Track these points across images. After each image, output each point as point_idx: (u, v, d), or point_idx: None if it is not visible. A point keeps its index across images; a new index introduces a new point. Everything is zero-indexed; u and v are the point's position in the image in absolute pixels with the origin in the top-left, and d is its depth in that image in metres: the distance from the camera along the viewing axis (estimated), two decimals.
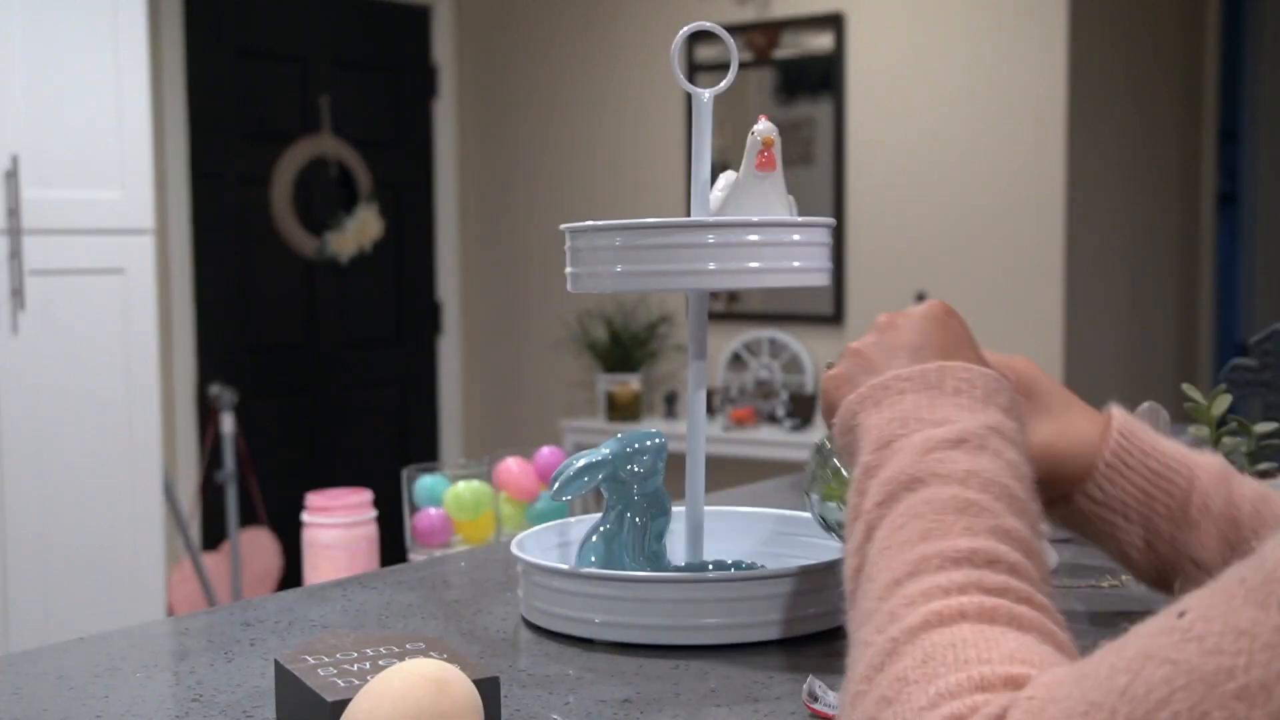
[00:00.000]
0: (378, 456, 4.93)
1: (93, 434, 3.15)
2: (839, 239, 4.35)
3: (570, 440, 4.74)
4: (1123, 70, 4.41)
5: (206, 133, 4.52)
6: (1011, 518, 0.66)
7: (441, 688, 0.68)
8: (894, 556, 0.64)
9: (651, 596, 0.96)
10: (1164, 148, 4.68)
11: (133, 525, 3.23)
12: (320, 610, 1.09)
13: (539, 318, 5.13)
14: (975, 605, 0.58)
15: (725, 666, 0.92)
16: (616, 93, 4.93)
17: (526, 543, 1.09)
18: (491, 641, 1.00)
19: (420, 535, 1.49)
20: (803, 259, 1.01)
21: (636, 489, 1.03)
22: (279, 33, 4.77)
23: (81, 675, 0.92)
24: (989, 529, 0.64)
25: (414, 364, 5.21)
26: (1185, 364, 4.75)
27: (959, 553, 0.62)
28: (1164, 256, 4.71)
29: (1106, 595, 1.08)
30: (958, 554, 0.62)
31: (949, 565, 0.61)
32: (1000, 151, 4.17)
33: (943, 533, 0.64)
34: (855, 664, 0.60)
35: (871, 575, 0.65)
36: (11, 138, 2.98)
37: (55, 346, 3.07)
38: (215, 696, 0.87)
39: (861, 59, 4.39)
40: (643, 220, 0.99)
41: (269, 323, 4.75)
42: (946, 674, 0.54)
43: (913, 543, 0.64)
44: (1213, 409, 1.20)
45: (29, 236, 3.00)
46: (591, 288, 1.03)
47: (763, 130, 1.02)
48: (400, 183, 5.13)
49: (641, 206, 4.77)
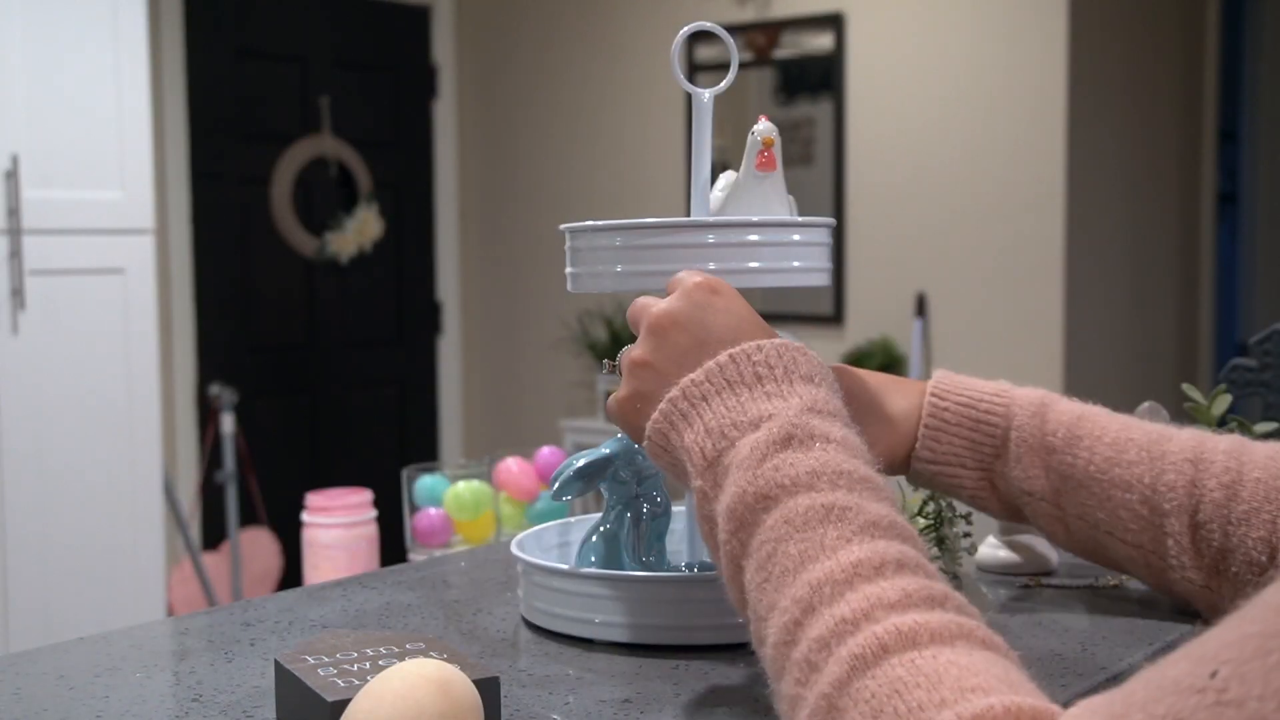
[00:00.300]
0: (378, 456, 4.93)
1: (93, 434, 3.15)
2: (839, 239, 4.35)
3: (570, 440, 4.74)
4: (1123, 70, 4.41)
5: (206, 133, 4.52)
6: (872, 504, 0.64)
7: (442, 688, 0.68)
8: (777, 591, 0.61)
9: (651, 596, 0.96)
10: (1164, 148, 4.68)
11: (133, 525, 3.23)
12: (320, 610, 1.09)
13: (539, 318, 5.13)
14: (891, 632, 0.55)
15: (725, 666, 0.92)
16: (616, 93, 4.93)
17: (526, 543, 1.09)
18: (491, 641, 1.00)
19: (420, 535, 1.49)
20: (803, 259, 1.01)
21: (636, 489, 1.03)
22: (279, 33, 4.76)
23: (81, 675, 0.92)
24: (859, 528, 0.62)
25: (414, 364, 5.21)
26: (1185, 364, 4.74)
27: (843, 570, 0.60)
28: (1164, 256, 4.71)
29: (1106, 595, 1.08)
30: (843, 572, 0.60)
31: (842, 587, 0.59)
32: (1000, 151, 4.17)
33: (816, 552, 0.62)
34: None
35: (760, 614, 0.63)
36: (11, 138, 2.98)
37: (55, 346, 3.07)
38: (215, 696, 0.87)
39: (861, 59, 4.39)
40: (643, 220, 0.99)
41: (269, 323, 4.75)
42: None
43: (791, 571, 0.62)
44: (1213, 409, 1.20)
45: (29, 236, 3.00)
46: (591, 288, 1.03)
47: (763, 130, 1.02)
48: (400, 183, 5.13)
49: (641, 206, 4.77)
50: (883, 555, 0.60)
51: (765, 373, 0.73)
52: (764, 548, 0.64)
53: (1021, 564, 1.18)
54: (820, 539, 0.62)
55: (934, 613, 0.57)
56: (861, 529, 0.62)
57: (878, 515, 0.64)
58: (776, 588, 0.62)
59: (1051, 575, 1.17)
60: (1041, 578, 1.17)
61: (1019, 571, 1.18)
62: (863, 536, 0.62)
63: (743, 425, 0.70)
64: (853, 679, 0.54)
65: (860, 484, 0.66)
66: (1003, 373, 1.17)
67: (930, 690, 0.52)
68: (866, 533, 0.62)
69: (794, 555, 0.62)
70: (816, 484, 0.65)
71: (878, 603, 0.57)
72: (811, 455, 0.67)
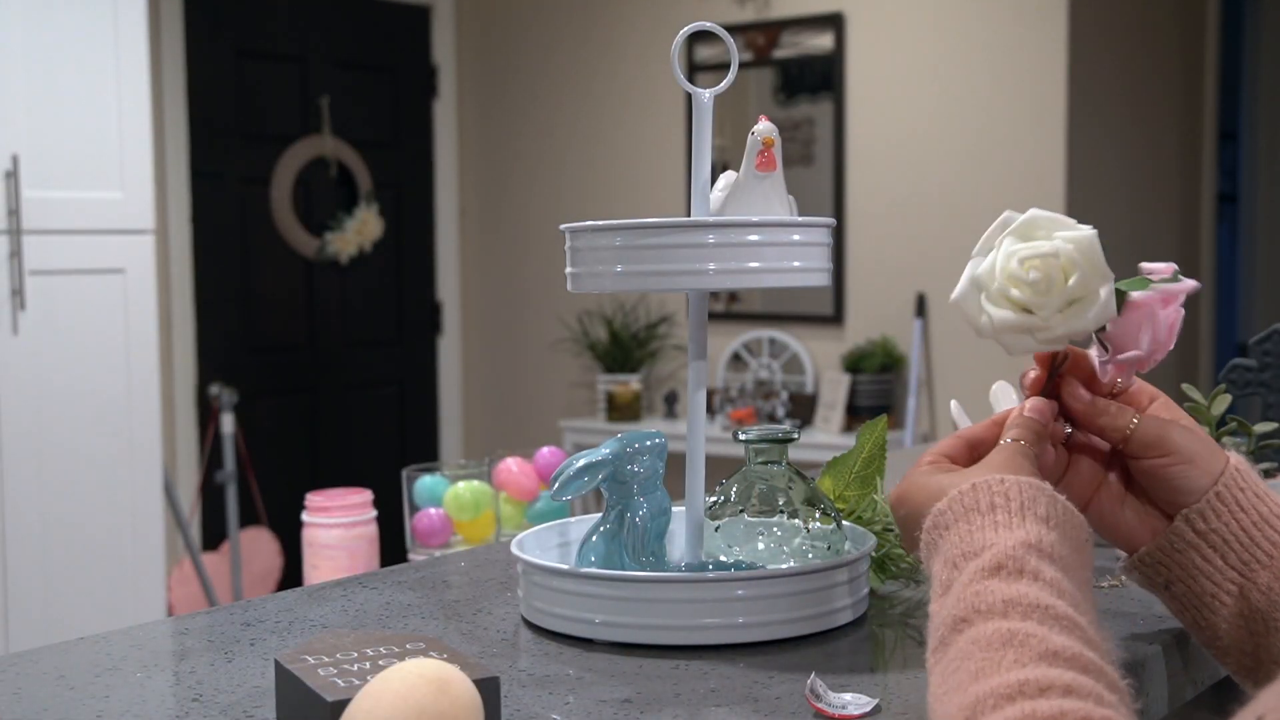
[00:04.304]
0: (378, 456, 4.93)
1: (93, 434, 3.15)
2: (839, 239, 4.35)
3: (570, 440, 4.74)
4: (1123, 70, 4.41)
5: (206, 133, 4.52)
6: (1059, 636, 0.66)
7: (441, 688, 0.68)
8: (950, 701, 0.65)
9: (651, 596, 0.96)
10: (1164, 148, 4.68)
11: (133, 525, 3.23)
12: (320, 610, 1.09)
13: (539, 318, 5.13)
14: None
15: (725, 666, 0.92)
16: (616, 93, 4.93)
17: (526, 543, 1.09)
18: (491, 641, 1.00)
19: (420, 535, 1.49)
20: (803, 259, 1.01)
21: (636, 489, 1.03)
22: (279, 33, 4.77)
23: (81, 675, 0.92)
24: (1037, 656, 0.65)
25: (414, 364, 5.21)
26: (1185, 364, 4.74)
27: (1009, 688, 0.62)
28: (1164, 256, 4.69)
29: (1106, 595, 1.08)
30: (1009, 689, 0.62)
31: (1002, 702, 0.62)
32: (1000, 152, 4.17)
33: (992, 670, 0.64)
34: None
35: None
36: (11, 138, 2.98)
37: (55, 346, 3.07)
38: (215, 696, 0.87)
39: (861, 59, 4.39)
40: (643, 220, 0.99)
41: (269, 323, 4.75)
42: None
43: (964, 685, 0.65)
44: (1213, 409, 1.20)
45: (29, 236, 3.00)
46: (591, 288, 1.03)
47: (763, 130, 1.02)
48: (400, 183, 5.13)
49: (641, 206, 4.77)
50: (1052, 680, 0.63)
51: (1001, 503, 0.76)
52: (950, 664, 0.68)
53: None
54: (998, 660, 0.65)
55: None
56: (1040, 656, 0.65)
57: (1060, 646, 0.66)
58: (951, 699, 0.65)
59: None
60: None
61: None
62: (1039, 663, 0.64)
63: (968, 554, 0.74)
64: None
65: (1054, 620, 0.68)
66: (1003, 373, 1.17)
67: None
68: (1044, 660, 0.65)
69: (970, 671, 0.65)
70: (1009, 612, 0.68)
71: (1031, 715, 0.60)
72: (1013, 587, 0.70)
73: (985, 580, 0.71)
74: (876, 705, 0.83)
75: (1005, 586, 0.70)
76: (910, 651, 0.98)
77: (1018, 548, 0.72)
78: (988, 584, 0.70)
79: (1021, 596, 0.69)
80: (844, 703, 0.83)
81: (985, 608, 0.69)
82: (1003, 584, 0.70)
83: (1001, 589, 0.70)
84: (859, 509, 1.14)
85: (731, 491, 1.08)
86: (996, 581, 0.70)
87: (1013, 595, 0.69)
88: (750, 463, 1.08)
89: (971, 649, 0.67)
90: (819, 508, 1.06)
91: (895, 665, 0.95)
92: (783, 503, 1.07)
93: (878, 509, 1.14)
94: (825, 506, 1.07)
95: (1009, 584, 0.70)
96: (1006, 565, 0.71)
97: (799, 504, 1.06)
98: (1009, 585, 0.70)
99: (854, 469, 1.15)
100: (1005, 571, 0.71)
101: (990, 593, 0.70)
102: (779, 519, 1.07)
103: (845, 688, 0.87)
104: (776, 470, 1.07)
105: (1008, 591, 0.69)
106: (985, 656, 0.66)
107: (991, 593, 0.70)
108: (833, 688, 0.86)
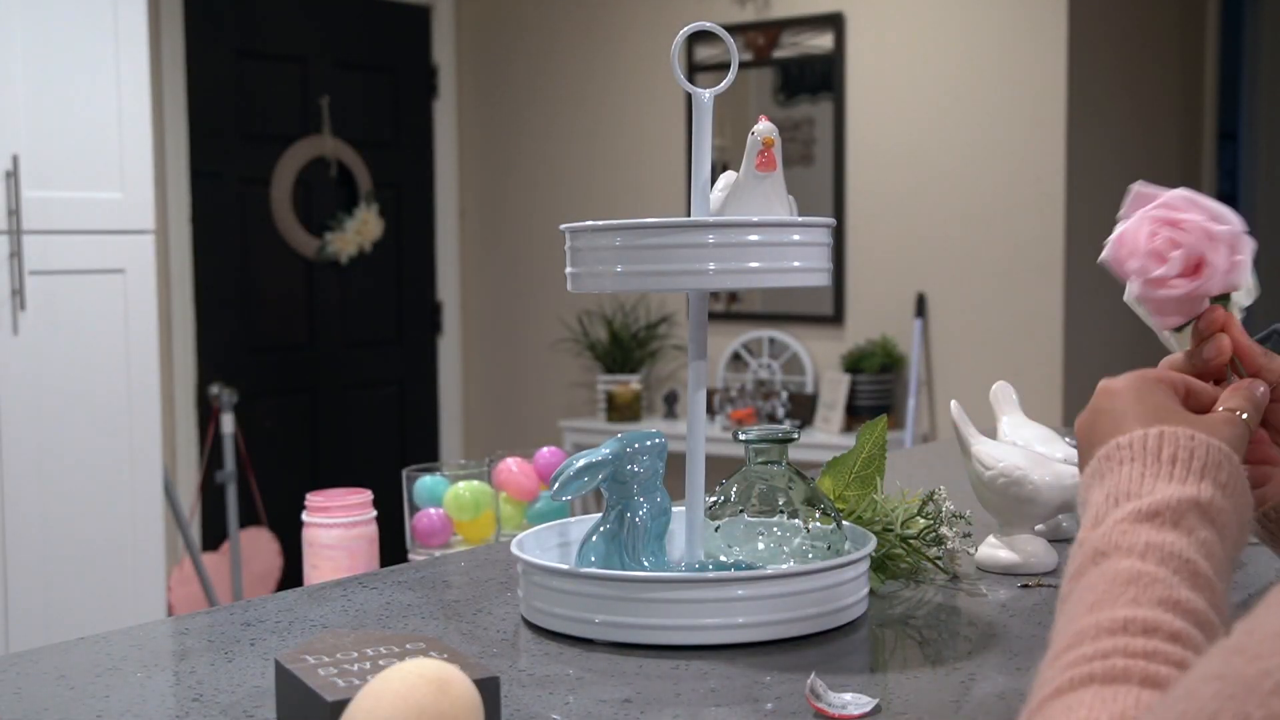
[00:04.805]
0: (378, 456, 4.93)
1: (93, 434, 3.15)
2: (839, 239, 4.35)
3: (570, 440, 4.74)
4: (1123, 70, 4.41)
5: (206, 133, 4.52)
6: (1186, 590, 0.66)
7: (441, 688, 0.68)
8: (1065, 627, 0.65)
9: (651, 596, 0.96)
10: (1164, 148, 4.68)
11: (133, 525, 3.23)
12: (320, 610, 1.09)
13: (539, 318, 5.14)
14: (1107, 668, 0.59)
15: (725, 666, 0.92)
16: (616, 93, 4.93)
17: (526, 543, 1.09)
18: (491, 641, 1.00)
19: (420, 535, 1.49)
20: (803, 259, 1.01)
21: (636, 489, 1.03)
22: (279, 33, 4.77)
23: (82, 675, 0.92)
24: (1157, 600, 0.65)
25: (414, 364, 5.22)
26: None
27: (1114, 622, 0.63)
28: None
29: None
30: (1113, 623, 0.63)
31: (1102, 635, 0.62)
32: (1000, 151, 4.17)
33: (1108, 604, 0.65)
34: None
35: (1050, 644, 0.67)
36: (11, 138, 2.98)
37: (55, 346, 3.07)
38: (215, 696, 0.87)
39: (861, 59, 4.39)
40: (643, 220, 0.99)
41: (269, 323, 4.75)
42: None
43: (1080, 615, 0.65)
44: None
45: (29, 236, 3.00)
46: (591, 288, 1.03)
47: (763, 130, 1.02)
48: (400, 183, 5.13)
49: (641, 206, 4.77)
50: (1161, 624, 0.63)
51: (1184, 458, 0.75)
52: (1079, 594, 0.68)
53: (1021, 564, 1.18)
54: (1118, 595, 0.65)
55: (1166, 669, 0.60)
56: (1159, 601, 0.65)
57: (1185, 598, 0.66)
58: (1067, 625, 0.65)
59: (1051, 575, 1.17)
60: (1041, 578, 1.17)
61: (1019, 571, 1.18)
62: (1155, 606, 0.64)
63: (1131, 495, 0.73)
64: (1053, 698, 0.59)
65: (1190, 574, 0.68)
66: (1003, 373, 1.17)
67: (1095, 709, 0.56)
68: (1162, 605, 0.65)
69: (1089, 603, 0.66)
70: (1147, 555, 0.68)
71: (1121, 649, 0.61)
72: (1162, 534, 0.69)
73: (1137, 523, 0.70)
74: (876, 705, 0.83)
75: (1154, 533, 0.69)
76: (910, 651, 0.98)
77: (1183, 502, 0.71)
78: (1138, 526, 0.70)
79: (1165, 544, 0.69)
80: (844, 703, 0.83)
81: (1126, 546, 0.69)
82: (1153, 530, 0.70)
83: (1149, 534, 0.69)
84: (859, 509, 1.14)
85: (731, 491, 1.08)
86: (1148, 526, 0.70)
87: (1157, 541, 0.69)
88: (750, 463, 1.08)
89: (1098, 581, 0.67)
90: (819, 508, 1.06)
91: (895, 665, 0.95)
92: (783, 503, 1.07)
93: (878, 509, 1.14)
94: (825, 506, 1.07)
95: (1159, 531, 0.70)
96: (1163, 514, 0.71)
97: (799, 504, 1.06)
98: (1158, 532, 0.69)
99: (854, 469, 1.15)
100: (1160, 520, 0.70)
101: (1137, 534, 0.69)
102: (779, 519, 1.07)
103: (845, 688, 0.87)
104: (776, 470, 1.07)
105: (1154, 537, 0.69)
106: (1107, 590, 0.66)
107: (1138, 534, 0.69)
108: (833, 688, 0.86)
